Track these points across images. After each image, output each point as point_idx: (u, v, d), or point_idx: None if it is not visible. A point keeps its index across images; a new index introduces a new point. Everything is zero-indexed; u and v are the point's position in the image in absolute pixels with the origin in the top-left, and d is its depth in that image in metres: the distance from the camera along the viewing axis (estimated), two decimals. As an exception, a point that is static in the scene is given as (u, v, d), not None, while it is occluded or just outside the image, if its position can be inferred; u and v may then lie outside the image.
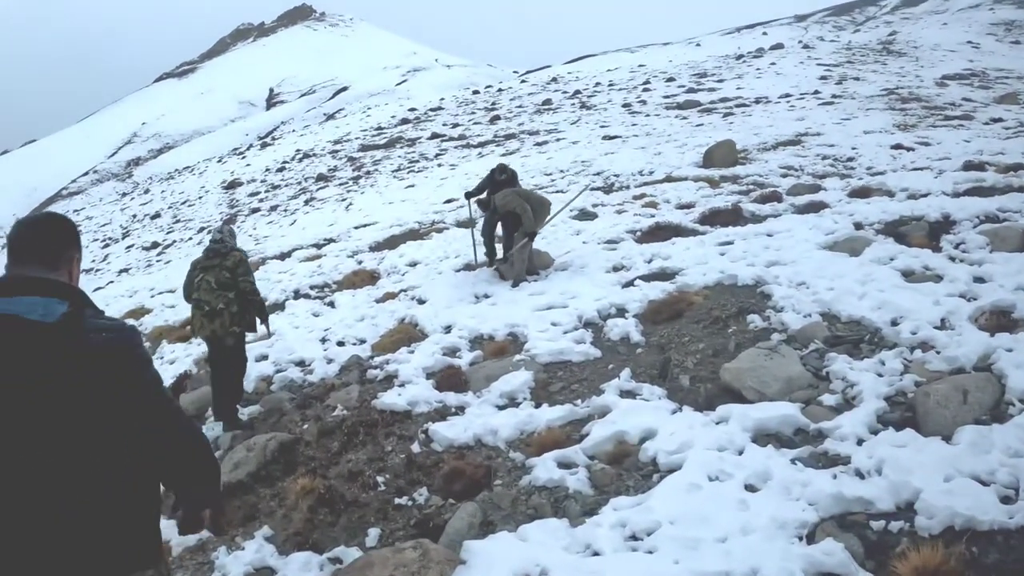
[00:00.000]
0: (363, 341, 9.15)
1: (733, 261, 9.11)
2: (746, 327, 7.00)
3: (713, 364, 6.43)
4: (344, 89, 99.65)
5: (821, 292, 7.40)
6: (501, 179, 10.97)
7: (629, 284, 9.09)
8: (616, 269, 9.98)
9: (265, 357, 9.10)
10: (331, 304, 11.54)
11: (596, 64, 68.82)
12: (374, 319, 9.85)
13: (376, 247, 15.49)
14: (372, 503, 5.35)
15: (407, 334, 8.73)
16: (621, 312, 8.16)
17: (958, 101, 29.40)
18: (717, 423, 5.48)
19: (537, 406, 6.35)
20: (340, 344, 9.21)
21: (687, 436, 5.23)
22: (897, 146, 18.15)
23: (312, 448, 6.23)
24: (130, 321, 14.03)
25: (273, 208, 33.76)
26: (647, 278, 9.18)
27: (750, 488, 4.52)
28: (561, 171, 20.92)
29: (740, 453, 4.96)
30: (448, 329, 8.79)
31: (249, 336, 7.68)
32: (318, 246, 17.10)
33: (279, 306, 11.95)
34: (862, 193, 12.65)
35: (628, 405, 5.92)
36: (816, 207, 11.96)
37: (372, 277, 12.91)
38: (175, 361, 10.58)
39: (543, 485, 5.05)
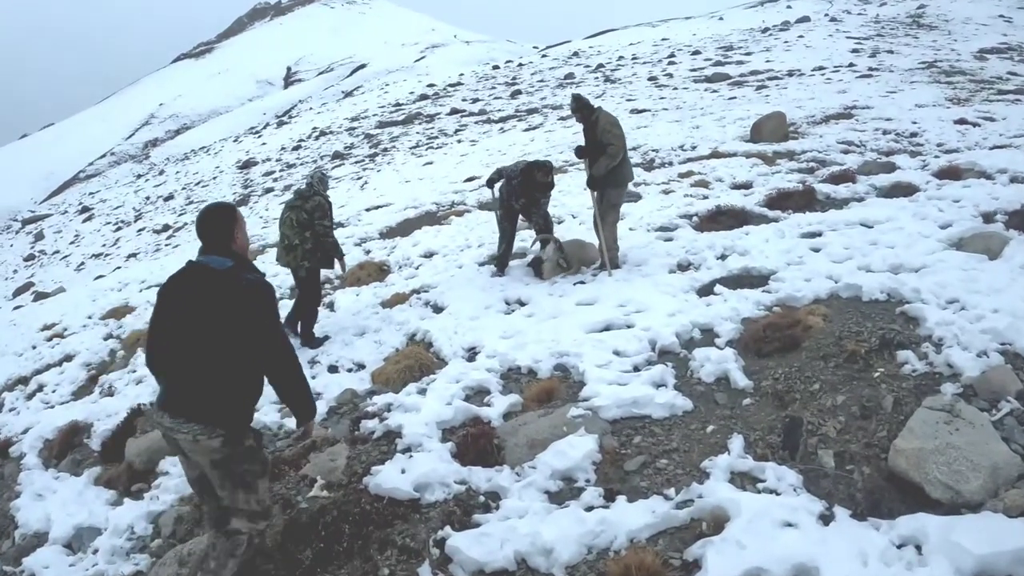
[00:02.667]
0: (362, 366, 7.06)
1: (837, 262, 6.99)
2: (897, 369, 4.80)
3: (865, 431, 4.27)
4: (362, 67, 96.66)
5: (987, 316, 5.21)
6: (545, 181, 8.53)
7: (707, 291, 6.94)
8: (682, 268, 7.87)
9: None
10: (330, 306, 9.49)
11: (617, 38, 66.17)
12: (377, 333, 7.75)
13: (387, 233, 13.53)
14: None
15: (418, 360, 6.55)
16: (709, 336, 5.94)
17: (1004, 75, 27.09)
18: (899, 545, 3.40)
19: (609, 498, 4.18)
20: (332, 370, 7.12)
21: (872, 587, 3.10)
22: (961, 121, 16.13)
23: (274, 561, 4.09)
24: (112, 320, 12.47)
25: (287, 188, 32.18)
26: (729, 283, 7.03)
27: None
28: (592, 147, 18.68)
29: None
30: (472, 354, 6.63)
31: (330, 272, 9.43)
32: (324, 232, 15.01)
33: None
34: (951, 174, 10.62)
35: (752, 505, 3.76)
36: (905, 190, 10.00)
37: (381, 270, 10.94)
38: (142, 380, 8.57)
39: None
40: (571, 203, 12.39)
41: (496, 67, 61.43)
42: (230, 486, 3.68)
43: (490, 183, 9.15)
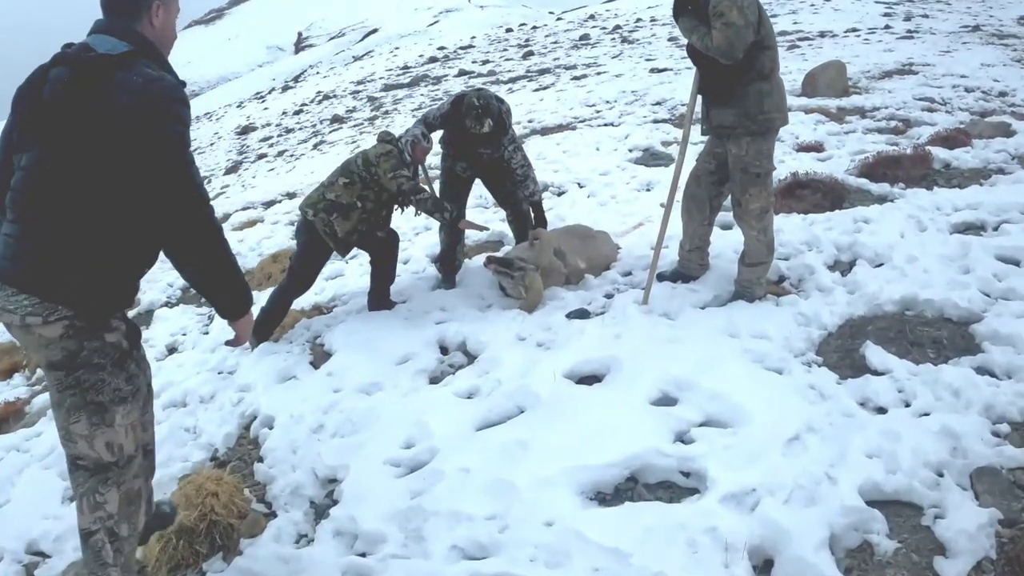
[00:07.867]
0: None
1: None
2: None
3: None
4: (374, 31, 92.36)
5: None
6: (479, 132, 4.82)
7: (857, 364, 3.28)
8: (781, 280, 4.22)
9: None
10: (209, 320, 6.06)
11: (635, 2, 62.65)
12: (199, 410, 4.04)
13: (332, 210, 9.89)
14: None
15: (207, 513, 2.72)
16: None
17: (1058, 40, 23.85)
18: None
19: None
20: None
21: None
22: (1052, 83, 12.90)
23: None
24: None
25: (280, 153, 29.08)
26: (887, 338, 3.50)
27: None
28: (607, 102, 15.16)
29: None
30: (327, 502, 2.88)
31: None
32: (268, 205, 11.65)
33: (144, 320, 6.68)
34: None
35: None
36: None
37: (297, 266, 7.39)
38: None
39: None
40: (577, 167, 8.79)
41: (509, 30, 57.85)
42: (69, 404, 2.18)
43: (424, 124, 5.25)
